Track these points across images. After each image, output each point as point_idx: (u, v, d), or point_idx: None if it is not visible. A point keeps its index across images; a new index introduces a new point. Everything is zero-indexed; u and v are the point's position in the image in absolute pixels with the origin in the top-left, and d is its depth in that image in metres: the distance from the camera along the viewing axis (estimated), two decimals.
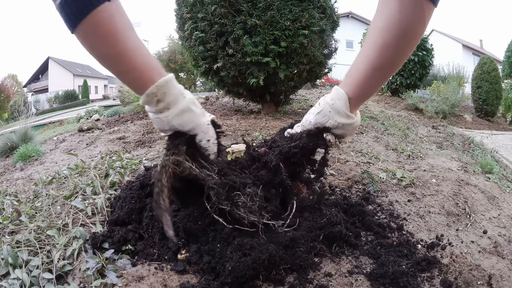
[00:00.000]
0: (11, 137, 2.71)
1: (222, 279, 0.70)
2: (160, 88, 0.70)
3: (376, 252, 0.87)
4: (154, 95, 0.70)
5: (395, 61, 0.75)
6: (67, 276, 0.77)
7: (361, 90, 0.80)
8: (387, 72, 0.79)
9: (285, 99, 3.33)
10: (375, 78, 0.78)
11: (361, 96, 0.82)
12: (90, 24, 0.62)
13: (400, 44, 0.70)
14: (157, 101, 0.71)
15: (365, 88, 0.80)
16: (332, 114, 0.82)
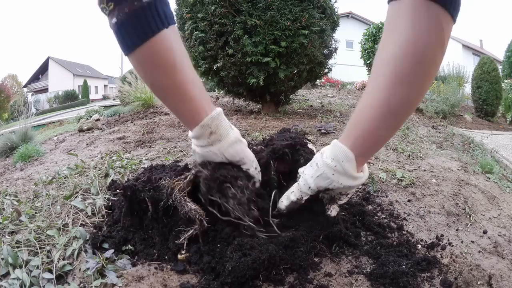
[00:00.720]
0: (11, 137, 2.71)
1: (222, 279, 0.70)
2: (214, 120, 0.72)
3: (376, 252, 0.87)
4: (208, 126, 0.71)
5: (410, 100, 0.57)
6: (67, 276, 0.77)
7: (369, 144, 0.67)
8: (401, 117, 0.62)
9: (285, 99, 3.33)
10: (385, 127, 0.62)
11: (368, 151, 0.70)
12: (148, 52, 0.59)
13: (416, 73, 0.54)
14: (210, 133, 0.72)
15: (373, 142, 0.66)
16: (336, 177, 0.71)
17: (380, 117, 0.61)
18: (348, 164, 0.69)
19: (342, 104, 4.37)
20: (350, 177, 0.71)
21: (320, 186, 0.76)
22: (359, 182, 0.73)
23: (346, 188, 0.74)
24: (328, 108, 3.92)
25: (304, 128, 2.34)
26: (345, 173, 0.70)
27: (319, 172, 0.74)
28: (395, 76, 0.55)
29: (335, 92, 6.30)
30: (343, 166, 0.69)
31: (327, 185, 0.74)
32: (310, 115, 3.27)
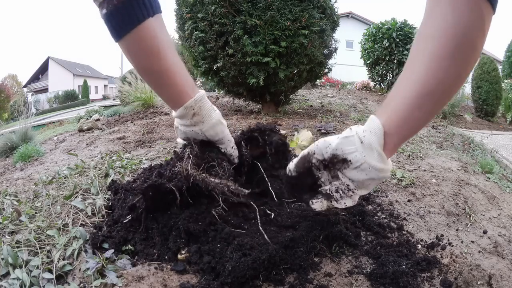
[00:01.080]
0: (11, 137, 2.71)
1: (222, 279, 0.70)
2: (197, 102, 0.79)
3: (376, 252, 0.87)
4: (191, 108, 0.78)
5: (451, 81, 0.53)
6: (67, 276, 0.77)
7: (403, 124, 0.59)
8: (437, 101, 0.56)
9: (285, 99, 3.33)
10: (423, 107, 0.56)
11: (401, 132, 0.61)
12: (135, 39, 0.65)
13: (456, 56, 0.51)
14: (193, 114, 0.79)
15: (409, 122, 0.59)
16: (361, 148, 0.63)
17: (417, 97, 0.55)
18: (376, 137, 0.61)
19: (342, 104, 4.37)
20: (376, 153, 0.61)
21: (340, 150, 0.66)
22: (382, 166, 0.62)
23: (365, 168, 0.62)
24: (328, 108, 3.92)
25: (304, 128, 2.34)
26: (371, 148, 0.61)
27: (349, 134, 0.66)
28: (433, 56, 0.52)
29: (335, 92, 6.30)
30: (371, 137, 0.61)
31: (349, 151, 0.64)
32: (310, 115, 3.27)
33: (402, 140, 0.63)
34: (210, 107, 0.83)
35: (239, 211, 0.90)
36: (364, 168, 0.63)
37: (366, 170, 0.63)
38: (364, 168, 0.63)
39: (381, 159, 0.62)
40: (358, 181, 0.66)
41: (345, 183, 0.69)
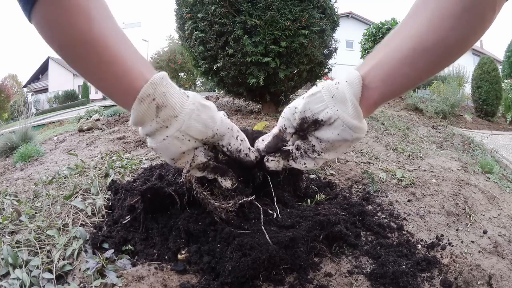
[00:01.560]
0: (11, 137, 2.71)
1: (222, 279, 0.70)
2: (158, 86, 0.48)
3: (376, 252, 0.87)
4: (150, 97, 0.48)
5: (452, 42, 0.46)
6: (67, 276, 0.77)
7: (388, 79, 0.50)
8: (435, 60, 0.48)
9: (285, 99, 3.33)
10: (415, 65, 0.48)
11: (384, 88, 0.51)
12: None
13: (462, 18, 0.45)
14: (157, 107, 0.49)
15: (395, 78, 0.50)
16: (332, 102, 0.53)
17: (408, 49, 0.48)
18: (352, 88, 0.51)
19: None
20: (351, 106, 0.51)
21: (308, 111, 0.55)
22: (356, 123, 0.52)
23: (337, 126, 0.53)
24: None
25: None
26: (345, 101, 0.51)
27: (315, 90, 0.56)
28: (437, 12, 0.46)
29: None
30: (345, 90, 0.51)
31: (318, 111, 0.54)
32: None
33: (383, 98, 0.53)
34: (180, 92, 0.52)
35: (239, 211, 0.90)
36: (337, 125, 0.53)
37: (338, 128, 0.53)
38: (337, 125, 0.53)
39: (357, 114, 0.52)
40: (327, 142, 0.56)
41: (310, 143, 0.59)
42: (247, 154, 0.64)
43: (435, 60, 0.48)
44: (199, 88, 12.61)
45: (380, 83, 0.51)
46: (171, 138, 0.52)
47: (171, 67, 13.77)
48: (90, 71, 0.47)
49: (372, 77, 0.51)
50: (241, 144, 0.62)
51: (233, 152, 0.62)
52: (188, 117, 0.52)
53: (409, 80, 0.51)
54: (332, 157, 0.60)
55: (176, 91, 0.52)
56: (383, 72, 0.50)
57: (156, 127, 0.51)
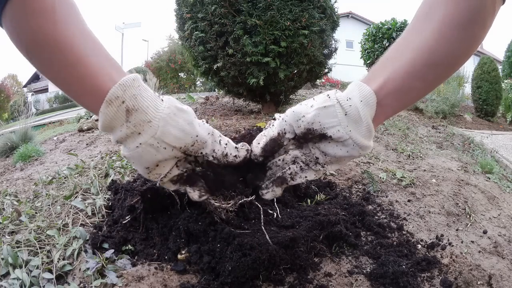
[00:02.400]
0: (11, 137, 2.71)
1: (222, 279, 0.70)
2: (128, 88, 0.45)
3: (376, 252, 0.87)
4: (119, 100, 0.44)
5: (460, 53, 0.47)
6: (67, 276, 0.77)
7: (401, 95, 0.50)
8: (444, 72, 0.49)
9: (285, 99, 3.33)
10: (427, 78, 0.48)
11: (397, 104, 0.51)
12: None
13: (468, 28, 0.45)
14: (127, 111, 0.45)
15: (408, 93, 0.50)
16: (346, 121, 0.50)
17: (421, 65, 0.47)
18: (368, 108, 0.49)
19: None
20: (365, 128, 0.50)
21: (318, 123, 0.51)
22: (367, 143, 0.51)
23: (348, 144, 0.51)
24: None
25: None
26: (359, 121, 0.49)
27: (328, 103, 0.51)
28: (448, 23, 0.46)
29: None
30: (359, 109, 0.49)
31: (328, 126, 0.51)
32: None
33: (394, 113, 0.53)
34: (153, 95, 0.48)
35: (239, 211, 0.90)
36: (347, 144, 0.51)
37: (349, 147, 0.51)
38: (347, 144, 0.51)
39: (369, 134, 0.51)
40: (333, 157, 0.54)
41: (314, 155, 0.56)
42: (236, 156, 0.58)
43: (444, 71, 0.49)
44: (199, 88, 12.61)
45: (393, 100, 0.50)
46: (145, 146, 0.47)
47: (171, 67, 13.78)
48: (56, 75, 0.45)
49: (385, 94, 0.49)
50: (226, 147, 0.56)
51: (220, 158, 0.56)
52: (164, 122, 0.47)
53: (419, 94, 0.51)
54: (335, 168, 0.58)
55: (149, 94, 0.48)
56: (396, 89, 0.49)
57: (127, 132, 0.46)
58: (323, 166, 0.57)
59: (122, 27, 16.20)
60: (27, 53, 0.44)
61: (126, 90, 0.45)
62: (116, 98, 0.44)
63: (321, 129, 0.51)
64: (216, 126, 2.42)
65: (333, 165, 0.57)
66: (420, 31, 0.48)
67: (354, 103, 0.49)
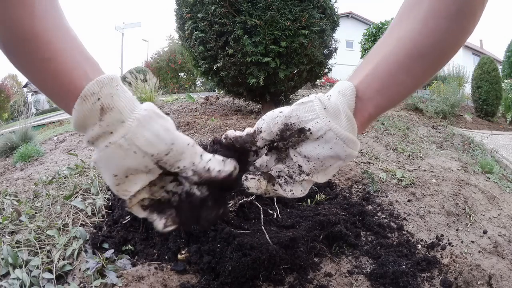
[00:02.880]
0: (11, 137, 2.71)
1: (222, 279, 0.70)
2: (104, 86, 0.42)
3: (376, 252, 0.87)
4: (94, 96, 0.41)
5: (447, 44, 0.45)
6: (67, 276, 0.77)
7: (383, 89, 0.46)
8: (431, 65, 0.46)
9: (285, 99, 3.33)
10: (411, 71, 0.46)
11: (380, 99, 0.47)
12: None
13: (456, 19, 0.43)
14: (101, 109, 0.42)
15: (391, 88, 0.46)
16: (324, 113, 0.46)
17: (404, 55, 0.45)
18: (343, 99, 0.46)
19: None
20: (345, 119, 0.46)
21: (295, 117, 0.48)
22: (350, 135, 0.46)
23: (329, 139, 0.46)
24: None
25: None
26: (338, 113, 0.46)
27: (306, 100, 0.48)
28: (432, 14, 0.44)
29: None
30: (337, 101, 0.46)
31: (307, 119, 0.47)
32: None
33: (378, 111, 0.48)
34: (131, 97, 0.45)
35: (239, 211, 0.90)
36: (328, 138, 0.46)
37: (331, 142, 0.46)
38: (328, 138, 0.46)
39: (351, 127, 0.46)
40: (317, 160, 0.48)
41: (296, 163, 0.51)
42: (221, 170, 0.49)
43: (431, 64, 0.46)
44: (199, 88, 12.62)
45: (375, 93, 0.46)
46: (114, 146, 0.42)
47: (171, 67, 13.77)
48: (31, 70, 0.43)
49: (366, 87, 0.46)
50: (209, 162, 0.48)
51: (201, 173, 0.47)
52: (137, 123, 0.43)
53: (406, 88, 0.47)
54: (322, 180, 0.51)
55: (127, 95, 0.44)
56: (378, 82, 0.46)
57: (99, 132, 0.42)
58: (308, 174, 0.50)
59: (122, 27, 16.20)
60: (4, 47, 0.42)
61: (103, 88, 0.42)
62: (91, 95, 0.41)
63: (299, 122, 0.47)
64: (216, 126, 2.42)
65: (320, 173, 0.50)
66: (404, 23, 0.46)
67: (334, 97, 0.47)
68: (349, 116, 0.46)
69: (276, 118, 0.50)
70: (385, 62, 0.46)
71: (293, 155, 0.51)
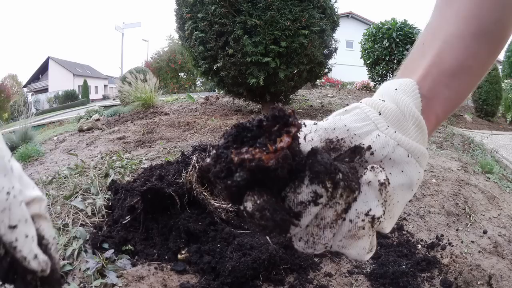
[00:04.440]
0: (11, 137, 2.71)
1: (222, 279, 0.70)
2: None
3: (376, 252, 0.87)
4: None
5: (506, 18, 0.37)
6: (67, 276, 0.77)
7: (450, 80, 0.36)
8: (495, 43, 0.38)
9: (285, 99, 3.33)
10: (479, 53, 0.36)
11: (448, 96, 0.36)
12: None
13: None
14: None
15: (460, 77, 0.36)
16: (382, 120, 0.32)
17: (469, 34, 0.36)
18: (407, 98, 0.33)
19: (342, 104, 4.37)
20: (412, 129, 0.32)
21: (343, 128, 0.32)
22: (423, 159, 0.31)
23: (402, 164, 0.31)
24: (328, 108, 3.92)
25: None
26: (402, 118, 0.32)
27: (351, 107, 0.34)
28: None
29: (335, 92, 6.30)
30: (398, 100, 0.33)
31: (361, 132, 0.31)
32: (310, 115, 3.27)
33: (447, 110, 0.37)
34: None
35: (239, 211, 0.90)
36: (397, 157, 0.31)
37: (401, 163, 0.31)
38: (397, 157, 0.31)
39: (422, 136, 0.33)
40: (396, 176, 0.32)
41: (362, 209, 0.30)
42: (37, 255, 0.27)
43: (495, 44, 0.37)
44: (199, 88, 12.61)
45: (444, 88, 0.35)
46: None
47: (171, 67, 13.78)
48: None
49: (432, 82, 0.35)
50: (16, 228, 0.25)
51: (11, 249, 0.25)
52: None
53: (474, 76, 0.37)
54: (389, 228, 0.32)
55: None
56: (443, 74, 0.35)
57: None
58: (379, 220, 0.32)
59: (122, 27, 16.21)
60: None
61: None
62: None
63: (351, 137, 0.31)
64: (216, 126, 2.42)
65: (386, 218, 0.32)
66: (453, 4, 0.37)
67: (388, 98, 0.34)
68: (418, 121, 0.33)
69: (310, 134, 0.31)
70: (449, 47, 0.36)
71: None
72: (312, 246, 0.29)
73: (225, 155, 0.25)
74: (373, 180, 0.29)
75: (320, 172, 0.26)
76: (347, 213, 0.29)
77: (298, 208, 0.27)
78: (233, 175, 0.24)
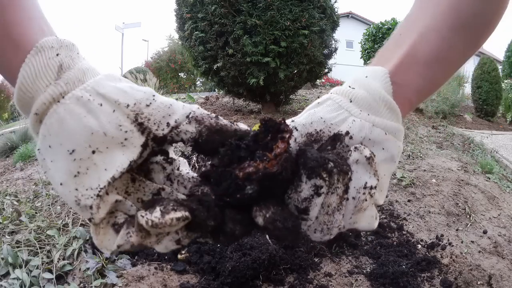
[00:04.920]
0: (11, 137, 2.71)
1: (222, 279, 0.70)
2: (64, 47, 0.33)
3: (376, 252, 0.87)
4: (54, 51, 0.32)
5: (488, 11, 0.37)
6: (67, 276, 0.77)
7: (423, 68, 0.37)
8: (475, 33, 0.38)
9: (285, 99, 3.34)
10: (454, 46, 0.37)
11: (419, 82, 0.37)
12: None
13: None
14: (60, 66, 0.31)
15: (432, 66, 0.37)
16: (354, 106, 0.34)
17: (445, 26, 0.36)
18: (378, 82, 0.35)
19: None
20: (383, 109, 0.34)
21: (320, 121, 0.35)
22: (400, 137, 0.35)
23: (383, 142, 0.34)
24: None
25: None
26: (372, 101, 0.34)
27: (321, 99, 0.38)
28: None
29: None
30: (367, 86, 0.35)
31: (337, 121, 0.34)
32: None
33: (421, 96, 0.39)
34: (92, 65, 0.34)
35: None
36: (376, 137, 0.33)
37: (381, 141, 0.34)
38: (376, 137, 0.33)
39: (395, 114, 0.35)
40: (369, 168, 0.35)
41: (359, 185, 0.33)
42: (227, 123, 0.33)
43: (474, 37, 0.38)
44: (199, 88, 12.61)
45: (417, 77, 0.37)
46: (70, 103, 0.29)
47: (171, 67, 13.77)
48: None
49: (405, 71, 0.36)
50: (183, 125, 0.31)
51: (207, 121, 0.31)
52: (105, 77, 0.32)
53: (450, 68, 0.38)
54: (381, 200, 0.35)
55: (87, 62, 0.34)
56: (419, 62, 0.36)
57: (54, 95, 0.29)
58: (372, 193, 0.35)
59: (122, 27, 16.20)
60: None
61: (62, 47, 0.33)
62: (50, 48, 0.31)
63: (328, 127, 0.34)
64: None
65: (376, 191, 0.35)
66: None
67: (357, 85, 0.36)
68: (389, 103, 0.35)
69: (299, 121, 0.36)
70: (425, 39, 0.37)
71: None
72: (328, 232, 0.32)
73: (229, 173, 0.26)
74: (360, 158, 0.32)
75: (314, 167, 0.28)
76: (348, 193, 0.32)
77: (304, 204, 0.29)
78: (244, 189, 0.26)
